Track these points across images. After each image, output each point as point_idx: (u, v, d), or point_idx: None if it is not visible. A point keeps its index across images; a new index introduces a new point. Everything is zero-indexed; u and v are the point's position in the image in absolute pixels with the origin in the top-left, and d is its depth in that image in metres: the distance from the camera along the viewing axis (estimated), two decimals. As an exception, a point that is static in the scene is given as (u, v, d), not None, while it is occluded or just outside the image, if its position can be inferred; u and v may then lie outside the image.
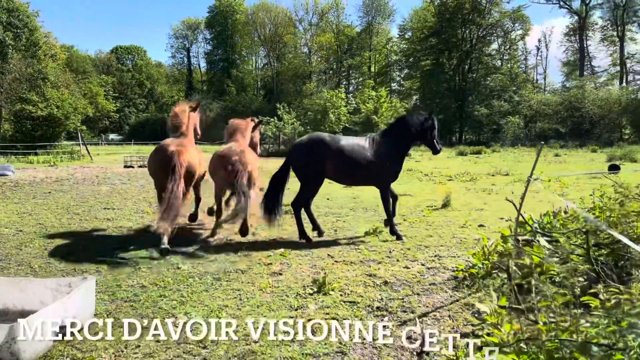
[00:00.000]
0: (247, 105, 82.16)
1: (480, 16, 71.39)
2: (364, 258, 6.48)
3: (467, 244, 7.17)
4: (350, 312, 4.54)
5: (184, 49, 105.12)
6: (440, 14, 72.09)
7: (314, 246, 7.27)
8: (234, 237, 7.77)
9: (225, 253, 6.84)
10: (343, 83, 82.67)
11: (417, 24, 78.76)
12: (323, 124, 40.23)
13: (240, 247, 7.14)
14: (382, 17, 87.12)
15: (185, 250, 7.09)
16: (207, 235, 8.06)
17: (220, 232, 8.03)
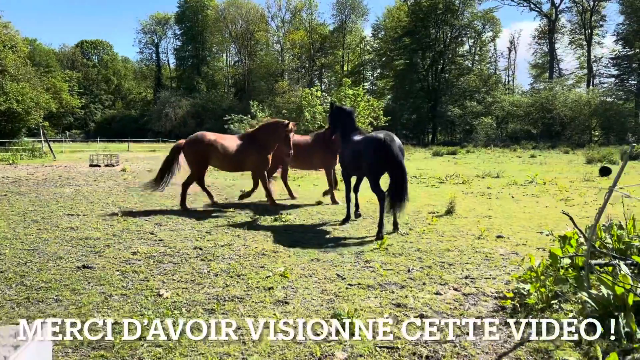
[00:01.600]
0: (218, 103, 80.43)
1: (454, 17, 71.51)
2: (382, 280, 5.46)
3: (495, 261, 6.23)
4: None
5: (152, 44, 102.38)
6: (414, 13, 71.89)
7: (317, 263, 6.21)
8: (206, 246, 6.67)
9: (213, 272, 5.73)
10: (315, 82, 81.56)
11: (390, 24, 78.50)
12: (298, 122, 39.03)
13: (229, 265, 6.03)
14: (356, 15, 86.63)
15: (166, 267, 5.95)
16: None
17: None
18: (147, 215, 9.67)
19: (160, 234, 7.88)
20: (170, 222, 8.91)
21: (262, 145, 10.54)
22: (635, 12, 62.65)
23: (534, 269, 4.91)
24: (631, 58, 64.89)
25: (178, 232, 8.10)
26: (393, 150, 7.74)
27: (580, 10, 74.20)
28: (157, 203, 11.32)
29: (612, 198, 8.39)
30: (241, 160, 10.58)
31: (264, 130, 10.55)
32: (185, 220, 9.18)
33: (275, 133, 10.31)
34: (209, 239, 7.60)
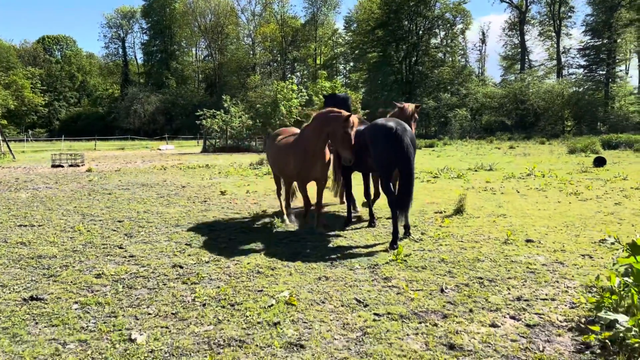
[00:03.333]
0: (188, 99, 78.33)
1: (426, 8, 70.97)
2: (415, 306, 4.35)
3: (542, 275, 5.18)
4: None
5: (118, 39, 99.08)
6: (387, 5, 71.03)
7: (326, 282, 5.07)
8: (188, 263, 5.47)
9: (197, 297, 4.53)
10: (288, 75, 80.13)
11: (362, 16, 77.54)
12: (274, 116, 37.77)
13: (219, 290, 4.84)
14: (328, 8, 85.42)
15: (139, 295, 4.73)
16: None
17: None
18: (115, 223, 8.36)
19: (131, 248, 6.61)
20: (142, 232, 7.63)
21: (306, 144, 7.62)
22: (602, 2, 63.12)
23: (614, 290, 3.87)
24: (599, 48, 65.41)
25: (152, 244, 6.83)
26: (404, 142, 6.62)
27: (549, 1, 74.57)
28: (127, 208, 9.98)
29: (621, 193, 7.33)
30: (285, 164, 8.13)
31: (311, 125, 7.61)
32: (160, 228, 7.91)
33: (325, 128, 7.20)
34: (190, 252, 6.37)
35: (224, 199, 11.15)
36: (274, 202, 10.65)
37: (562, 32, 74.66)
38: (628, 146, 30.02)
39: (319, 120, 7.33)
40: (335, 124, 6.96)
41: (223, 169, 19.31)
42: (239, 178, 16.04)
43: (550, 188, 11.98)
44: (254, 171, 18.35)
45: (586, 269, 5.30)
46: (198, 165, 21.80)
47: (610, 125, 53.92)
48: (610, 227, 7.42)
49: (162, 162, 24.12)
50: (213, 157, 28.93)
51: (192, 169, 19.79)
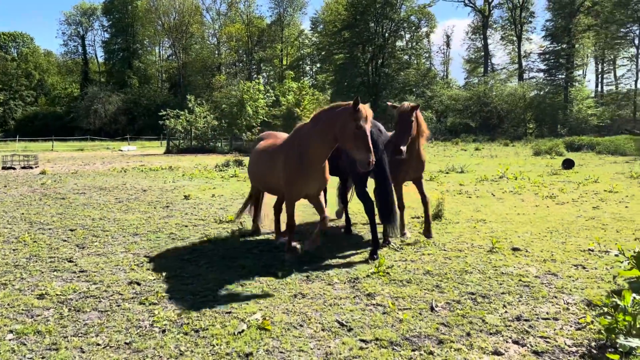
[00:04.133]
0: (152, 99, 76.44)
1: (393, 10, 71.28)
2: (406, 329, 3.86)
3: (537, 289, 4.78)
4: None
5: (78, 36, 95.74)
6: (353, 7, 70.99)
7: (303, 300, 4.54)
8: (147, 279, 4.85)
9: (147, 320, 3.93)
10: (254, 76, 79.18)
11: (329, 17, 77.28)
12: (240, 117, 36.97)
13: (181, 312, 4.24)
14: (294, 9, 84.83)
15: (87, 320, 4.08)
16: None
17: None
18: (66, 232, 7.60)
19: (82, 261, 5.92)
20: (96, 242, 6.92)
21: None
22: (561, 8, 64.77)
23: (627, 310, 3.47)
24: (558, 53, 67.03)
25: (107, 257, 6.15)
26: (378, 148, 6.09)
27: (510, 6, 76.06)
28: (81, 214, 9.18)
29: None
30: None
31: (311, 124, 5.78)
32: (116, 237, 7.21)
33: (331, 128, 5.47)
34: (149, 266, 5.72)
35: (188, 204, 10.47)
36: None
37: (523, 36, 76.24)
38: (590, 148, 30.62)
39: (323, 117, 5.56)
40: (344, 119, 5.23)
41: (187, 171, 18.52)
42: (204, 181, 15.32)
43: (525, 191, 11.77)
44: (220, 173, 17.65)
45: (582, 282, 4.93)
46: (161, 167, 20.89)
47: (569, 127, 55.23)
48: (595, 233, 7.15)
49: (122, 164, 23.07)
50: (177, 159, 27.96)
51: (154, 171, 18.92)
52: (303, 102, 34.48)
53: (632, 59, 59.95)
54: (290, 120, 33.62)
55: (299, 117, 33.39)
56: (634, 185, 12.62)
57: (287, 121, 33.95)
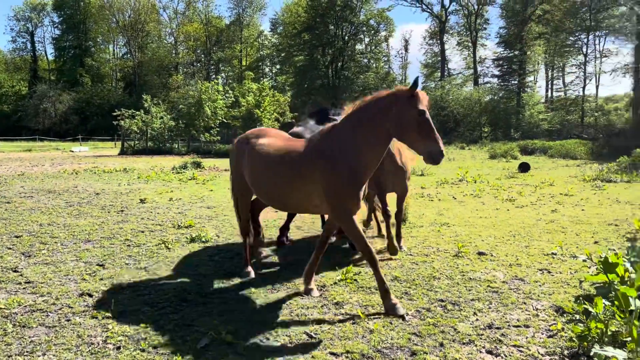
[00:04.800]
0: (105, 98, 74.13)
1: (352, 14, 71.77)
2: (377, 340, 3.70)
3: (506, 295, 4.73)
4: None
5: (26, 32, 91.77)
6: (313, 9, 71.07)
7: (270, 312, 4.33)
8: (100, 290, 4.53)
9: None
10: (213, 76, 78.04)
11: (289, 19, 77.08)
12: (198, 118, 36.25)
13: (138, 326, 3.96)
14: (253, 9, 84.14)
15: (34, 337, 3.74)
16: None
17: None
18: (11, 239, 7.10)
19: (29, 271, 5.50)
20: (44, 250, 6.47)
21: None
22: (514, 16, 66.90)
23: (599, 318, 3.44)
24: (511, 59, 69.10)
25: (56, 266, 5.75)
26: None
27: (466, 13, 77.96)
28: (28, 220, 8.64)
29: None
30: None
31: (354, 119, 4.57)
32: (66, 245, 6.78)
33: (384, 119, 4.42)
34: (102, 276, 5.37)
35: (144, 208, 10.04)
36: (200, 211, 9.73)
37: (478, 42, 78.24)
38: (543, 152, 31.65)
39: (368, 111, 4.45)
40: (401, 108, 4.26)
41: (143, 174, 17.89)
42: (160, 184, 14.82)
43: (485, 194, 11.93)
44: (178, 176, 17.14)
45: (549, 287, 4.93)
46: (115, 169, 20.14)
47: (522, 132, 56.97)
48: (556, 236, 7.24)
49: (74, 166, 22.12)
50: (132, 160, 27.08)
51: (107, 174, 18.20)
52: (263, 104, 34.09)
53: (580, 67, 62.41)
54: (250, 121, 33.19)
55: (259, 119, 33.03)
56: (587, 189, 13.00)
57: (246, 122, 33.50)
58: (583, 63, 61.32)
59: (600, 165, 18.72)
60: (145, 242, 7.01)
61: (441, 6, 79.68)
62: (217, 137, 38.16)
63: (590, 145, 33.22)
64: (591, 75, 60.78)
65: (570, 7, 59.60)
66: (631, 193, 12.07)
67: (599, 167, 18.00)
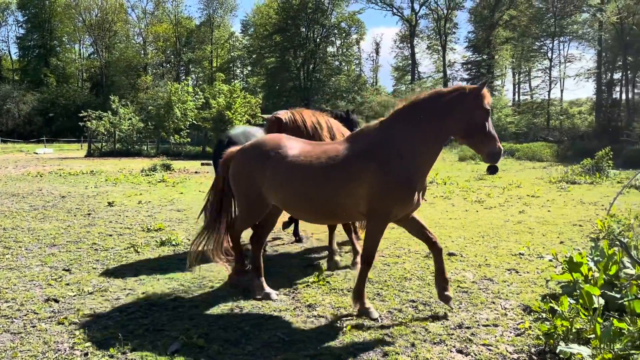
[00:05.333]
0: (71, 99, 72.35)
1: (324, 16, 72.05)
2: (349, 342, 3.72)
3: (476, 295, 4.82)
4: None
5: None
6: (285, 11, 71.07)
7: (242, 315, 4.30)
8: (66, 295, 4.42)
9: None
10: (183, 77, 77.12)
11: (260, 20, 76.85)
12: (167, 119, 35.74)
13: (106, 331, 3.88)
14: (224, 10, 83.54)
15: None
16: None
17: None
18: (-28, 244, 6.87)
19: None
20: (8, 255, 6.28)
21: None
22: (482, 21, 68.30)
23: (564, 316, 3.53)
24: (480, 63, 70.47)
25: (20, 271, 5.58)
26: None
27: (436, 17, 79.14)
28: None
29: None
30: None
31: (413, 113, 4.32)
32: (31, 249, 6.59)
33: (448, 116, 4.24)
34: (69, 281, 5.24)
35: (112, 211, 9.85)
36: (170, 214, 9.60)
37: (448, 46, 79.47)
38: (510, 154, 32.31)
39: (428, 109, 4.21)
40: (470, 107, 4.13)
41: (111, 176, 17.54)
42: (129, 186, 14.55)
43: (454, 196, 12.12)
44: (147, 178, 16.86)
45: (517, 286, 5.04)
46: (81, 171, 19.67)
47: (490, 134, 58.13)
48: (523, 237, 7.42)
49: (38, 168, 21.51)
50: (99, 162, 26.50)
51: (74, 176, 17.76)
52: (234, 105, 33.84)
53: (546, 71, 64.04)
54: (220, 123, 32.89)
55: (230, 120, 32.75)
56: (553, 190, 13.35)
57: (217, 124, 33.22)
58: (548, 68, 62.94)
59: (565, 168, 19.23)
60: (113, 245, 6.88)
61: (411, 10, 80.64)
62: (187, 139, 37.70)
63: (555, 147, 34.14)
64: (556, 79, 62.43)
65: (535, 13, 61.20)
66: (594, 194, 12.45)
67: (564, 169, 18.49)
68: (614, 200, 8.81)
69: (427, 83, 79.18)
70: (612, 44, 52.53)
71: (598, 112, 53.51)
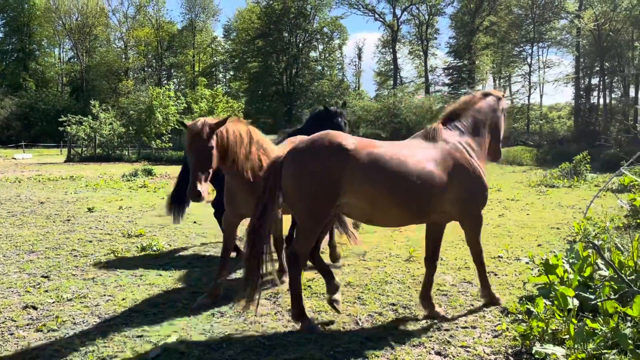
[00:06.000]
0: (51, 103, 71.40)
1: (306, 21, 72.26)
2: (330, 346, 3.76)
3: (455, 298, 4.91)
4: None
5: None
6: (267, 16, 71.14)
7: (223, 320, 4.30)
8: (45, 302, 4.37)
9: None
10: (165, 82, 76.63)
11: (242, 25, 76.78)
12: (149, 124, 35.52)
13: (85, 339, 3.86)
14: (206, 15, 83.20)
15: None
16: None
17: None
18: (-53, 251, 6.75)
19: (-33, 285, 5.25)
20: (-16, 262, 6.19)
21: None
22: (463, 27, 69.15)
23: (540, 317, 3.61)
24: (461, 68, 71.34)
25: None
26: None
27: (417, 23, 79.88)
28: (-34, 231, 8.22)
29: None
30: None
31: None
32: (9, 256, 6.50)
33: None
34: (47, 287, 5.19)
35: (92, 217, 9.75)
36: (151, 220, 9.54)
37: (429, 52, 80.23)
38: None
39: (483, 106, 4.59)
40: (500, 110, 4.75)
41: (91, 181, 17.35)
42: (110, 192, 14.42)
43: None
44: (128, 183, 16.73)
45: (495, 289, 5.10)
46: (61, 176, 19.42)
47: (471, 139, 58.80)
48: (502, 240, 7.54)
49: (16, 174, 21.17)
50: (79, 168, 26.18)
51: (53, 181, 17.53)
52: (217, 110, 33.80)
53: (526, 76, 65.01)
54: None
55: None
56: (532, 194, 13.57)
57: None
58: (528, 73, 63.91)
59: (544, 171, 19.55)
60: (93, 252, 6.82)
61: (393, 15, 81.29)
62: (169, 143, 37.49)
63: (535, 151, 34.67)
64: (536, 84, 63.34)
65: (515, 19, 62.16)
66: (572, 197, 12.68)
67: (544, 173, 18.80)
68: (590, 203, 9.00)
69: (409, 88, 79.88)
70: (590, 50, 53.60)
71: (577, 116, 54.46)
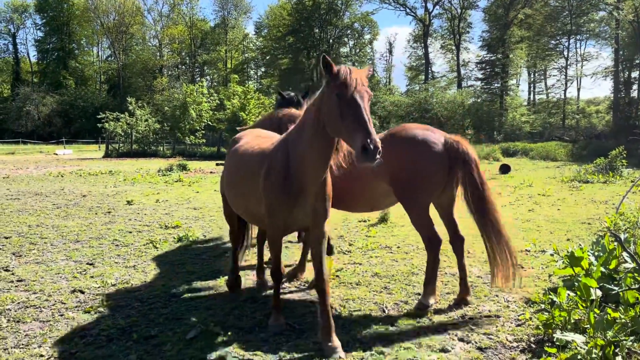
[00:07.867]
0: (89, 101, 73.55)
1: (336, 17, 72.25)
2: (355, 331, 3.95)
3: (480, 289, 5.01)
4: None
5: (8, 34, 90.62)
6: (298, 12, 71.44)
7: (256, 305, 4.54)
8: (91, 287, 4.68)
9: None
10: (198, 79, 77.84)
11: (273, 21, 77.32)
12: (183, 120, 36.29)
13: (129, 319, 4.15)
14: (238, 12, 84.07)
15: (28, 330, 3.91)
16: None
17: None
18: (0, 239, 7.21)
19: (20, 270, 5.65)
20: (34, 250, 6.61)
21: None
22: (497, 20, 67.86)
23: (562, 307, 3.71)
24: (494, 62, 70.06)
25: (47, 265, 5.90)
26: None
27: (450, 17, 78.85)
28: (16, 221, 8.74)
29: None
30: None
31: None
32: (56, 245, 6.92)
33: None
34: (93, 274, 5.54)
35: (131, 209, 10.18)
36: (186, 212, 9.90)
37: (462, 46, 79.11)
38: (524, 154, 32.24)
39: None
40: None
41: (129, 176, 17.97)
42: (147, 186, 14.93)
43: (465, 195, 12.23)
44: (164, 178, 17.25)
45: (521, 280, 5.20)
46: (100, 171, 20.16)
47: (504, 134, 57.82)
48: (531, 234, 7.57)
49: (59, 168, 22.07)
50: (117, 163, 27.06)
51: (93, 176, 18.23)
52: (248, 106, 34.24)
53: (561, 70, 63.56)
54: (235, 124, 33.27)
55: (244, 121, 33.12)
56: (564, 189, 13.41)
57: (232, 125, 33.59)
58: (564, 66, 62.47)
59: (578, 167, 19.20)
60: (133, 242, 7.18)
61: (425, 10, 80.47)
62: (202, 139, 38.23)
63: (570, 147, 33.91)
64: (572, 78, 61.88)
65: (551, 11, 60.72)
66: (606, 193, 12.49)
67: (577, 168, 18.47)
68: (623, 198, 8.89)
69: (441, 83, 79.01)
70: (629, 42, 51.92)
71: (615, 110, 52.89)
